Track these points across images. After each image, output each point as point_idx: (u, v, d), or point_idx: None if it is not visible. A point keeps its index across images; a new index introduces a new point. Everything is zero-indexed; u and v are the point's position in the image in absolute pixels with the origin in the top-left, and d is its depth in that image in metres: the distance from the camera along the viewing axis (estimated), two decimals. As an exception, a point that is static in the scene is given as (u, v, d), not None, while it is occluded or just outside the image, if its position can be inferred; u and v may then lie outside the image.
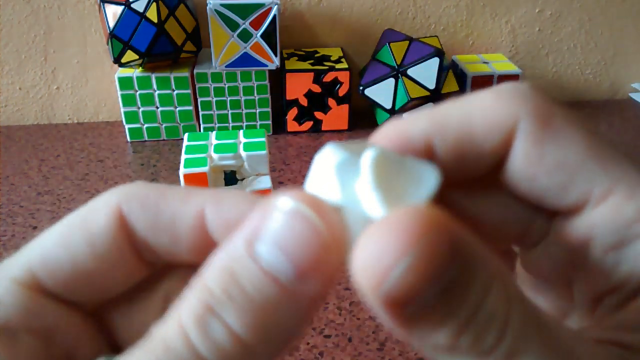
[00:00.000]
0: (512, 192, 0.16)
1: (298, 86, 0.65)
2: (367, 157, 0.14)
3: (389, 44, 0.66)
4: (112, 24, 0.59)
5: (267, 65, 0.64)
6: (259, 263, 0.13)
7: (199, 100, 0.65)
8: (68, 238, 0.16)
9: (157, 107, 0.65)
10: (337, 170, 0.14)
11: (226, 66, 0.63)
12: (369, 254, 0.12)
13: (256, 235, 0.13)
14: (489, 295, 0.12)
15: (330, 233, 0.13)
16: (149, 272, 0.17)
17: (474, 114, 0.15)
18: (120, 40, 0.60)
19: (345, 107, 0.67)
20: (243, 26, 0.61)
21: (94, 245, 0.16)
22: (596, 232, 0.15)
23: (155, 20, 0.59)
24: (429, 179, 0.14)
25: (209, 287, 0.13)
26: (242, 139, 0.49)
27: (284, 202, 0.13)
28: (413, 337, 0.13)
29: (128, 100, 0.64)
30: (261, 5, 0.60)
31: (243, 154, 0.47)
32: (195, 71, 0.64)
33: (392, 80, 0.65)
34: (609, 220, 0.14)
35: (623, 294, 0.14)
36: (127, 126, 0.66)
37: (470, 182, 0.16)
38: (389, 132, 0.16)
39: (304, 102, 0.66)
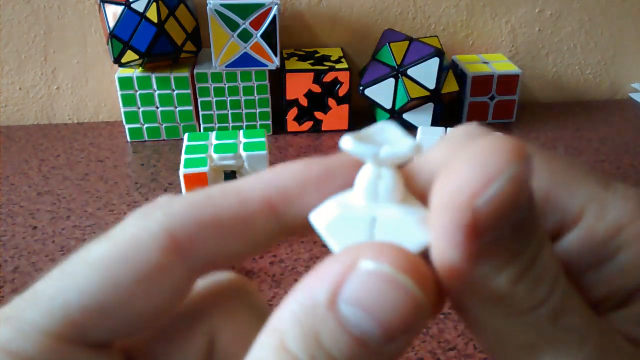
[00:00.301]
0: None
1: (298, 86, 0.65)
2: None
3: (389, 44, 0.66)
4: (112, 24, 0.59)
5: (267, 65, 0.64)
6: (344, 325, 0.12)
7: (199, 100, 0.65)
8: (115, 280, 0.14)
9: (157, 107, 0.65)
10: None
11: (226, 66, 0.63)
12: (472, 166, 0.12)
13: (338, 291, 0.12)
14: (544, 250, 0.12)
15: (426, 294, 0.12)
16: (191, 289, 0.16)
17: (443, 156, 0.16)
18: (120, 40, 0.60)
19: (345, 107, 0.67)
20: (243, 26, 0.61)
21: (148, 284, 0.14)
22: (572, 256, 0.15)
23: (155, 20, 0.59)
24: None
25: (291, 351, 0.12)
26: (242, 139, 0.49)
27: (369, 262, 0.12)
28: (473, 279, 0.12)
29: (128, 100, 0.64)
30: (261, 5, 0.60)
31: (243, 154, 0.47)
32: (195, 71, 0.64)
33: (392, 80, 0.65)
34: (583, 243, 0.15)
35: (606, 308, 0.15)
36: (127, 126, 0.66)
37: None
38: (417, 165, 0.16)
39: (304, 102, 0.66)
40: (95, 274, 0.14)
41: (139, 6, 0.59)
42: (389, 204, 0.13)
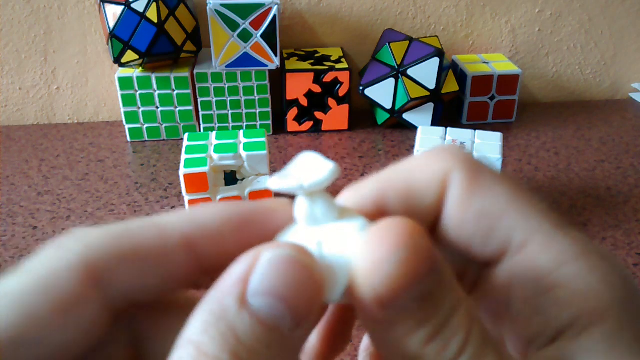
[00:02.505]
0: (447, 241, 0.17)
1: (298, 86, 0.65)
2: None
3: (389, 44, 0.66)
4: (112, 24, 0.59)
5: (267, 65, 0.64)
6: (257, 317, 0.13)
7: (199, 100, 0.65)
8: (30, 312, 0.13)
9: (157, 107, 0.65)
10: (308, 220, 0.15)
11: (226, 66, 0.63)
12: (366, 253, 0.13)
13: (245, 287, 0.13)
14: (457, 311, 0.14)
15: (319, 273, 0.14)
16: (114, 319, 0.16)
17: (413, 171, 0.17)
18: (121, 40, 0.60)
19: (345, 107, 0.67)
20: (243, 26, 0.61)
21: (65, 316, 0.14)
22: (515, 281, 0.16)
23: (155, 20, 0.59)
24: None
25: (212, 355, 0.12)
26: (242, 139, 0.49)
27: (269, 251, 0.13)
28: (386, 341, 0.14)
29: (128, 100, 0.64)
30: (261, 5, 0.60)
31: (243, 154, 0.47)
32: (195, 71, 0.64)
33: (392, 80, 0.65)
34: (525, 271, 0.15)
35: (540, 342, 0.15)
36: (127, 126, 0.66)
37: None
38: (345, 196, 0.17)
39: (304, 102, 0.66)
40: (9, 307, 0.13)
41: (139, 6, 0.59)
42: (328, 224, 0.15)
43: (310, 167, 0.15)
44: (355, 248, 0.14)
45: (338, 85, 0.66)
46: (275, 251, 0.13)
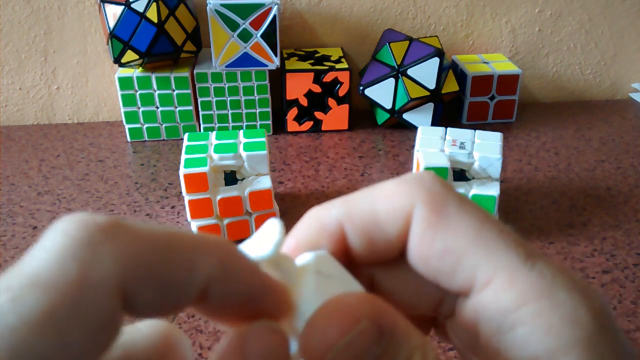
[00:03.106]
0: (415, 271, 0.17)
1: (298, 86, 0.65)
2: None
3: (389, 44, 0.66)
4: (112, 24, 0.59)
5: (267, 65, 0.64)
6: None
7: (199, 100, 0.65)
8: (64, 334, 0.11)
9: (157, 107, 0.65)
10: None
11: (226, 66, 0.63)
12: (313, 341, 0.14)
13: None
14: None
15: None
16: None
17: (378, 202, 0.17)
18: (121, 40, 0.60)
19: (345, 107, 0.67)
20: (243, 26, 0.61)
21: (96, 341, 0.12)
22: (481, 317, 0.16)
23: (155, 20, 0.59)
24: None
25: None
26: (242, 139, 0.49)
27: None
28: None
29: (128, 100, 0.64)
30: (261, 5, 0.60)
31: (243, 154, 0.47)
32: (195, 71, 0.64)
33: (392, 80, 0.65)
34: (490, 307, 0.16)
35: None
36: (127, 126, 0.66)
37: (386, 261, 0.18)
38: (307, 221, 0.18)
39: (304, 102, 0.66)
40: (38, 332, 0.11)
41: (139, 6, 0.59)
42: (289, 285, 0.16)
43: (266, 237, 0.16)
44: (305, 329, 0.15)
45: (338, 85, 0.66)
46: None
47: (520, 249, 0.16)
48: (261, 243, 0.16)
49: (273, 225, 0.16)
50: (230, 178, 0.48)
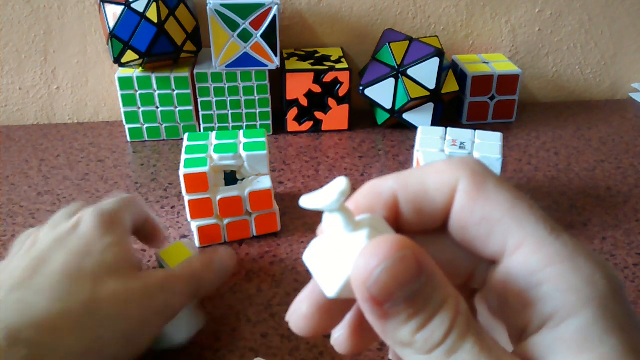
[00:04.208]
0: (455, 240, 0.20)
1: (298, 86, 0.65)
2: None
3: (389, 44, 0.66)
4: (112, 24, 0.59)
5: (267, 65, 0.64)
6: None
7: (199, 100, 0.65)
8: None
9: (157, 107, 0.65)
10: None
11: (226, 66, 0.63)
12: (361, 261, 0.16)
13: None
14: (444, 306, 0.16)
15: None
16: None
17: (428, 176, 0.20)
18: (120, 40, 0.60)
19: (345, 107, 0.67)
20: (243, 26, 0.61)
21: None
22: (511, 278, 0.18)
23: (155, 20, 0.59)
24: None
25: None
26: (242, 139, 0.49)
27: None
28: (385, 331, 0.17)
29: (128, 100, 0.64)
30: (261, 5, 0.60)
31: (243, 154, 0.47)
32: (195, 71, 0.64)
33: (392, 80, 0.65)
34: (519, 268, 0.18)
35: (529, 332, 0.18)
36: (127, 126, 0.66)
37: (429, 231, 0.20)
38: (365, 189, 0.20)
39: (304, 102, 0.66)
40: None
41: (139, 6, 0.59)
42: (345, 235, 0.18)
43: (333, 189, 0.18)
44: (356, 257, 0.17)
45: (338, 85, 0.66)
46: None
47: (547, 222, 0.18)
48: (327, 194, 0.17)
49: (339, 181, 0.18)
50: (230, 178, 0.48)
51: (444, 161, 0.20)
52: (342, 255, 0.18)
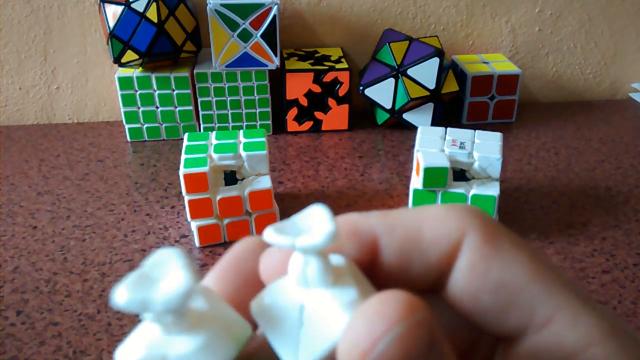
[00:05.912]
0: (455, 309, 0.16)
1: (298, 86, 0.65)
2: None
3: (389, 44, 0.66)
4: (112, 24, 0.59)
5: (267, 65, 0.64)
6: None
7: (199, 100, 0.65)
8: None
9: (157, 107, 0.65)
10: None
11: (226, 66, 0.63)
12: (360, 324, 0.12)
13: None
14: None
15: None
16: None
17: (423, 222, 0.15)
18: (120, 40, 0.60)
19: (345, 107, 0.67)
20: (243, 26, 0.61)
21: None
22: (535, 358, 0.15)
23: (155, 20, 0.59)
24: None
25: None
26: (242, 139, 0.49)
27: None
28: None
29: (128, 100, 0.64)
30: (261, 5, 0.60)
31: (243, 154, 0.47)
32: (195, 71, 0.64)
33: (392, 80, 0.65)
34: (550, 350, 0.14)
35: None
36: (127, 126, 0.66)
37: (416, 289, 0.16)
38: (340, 223, 0.16)
39: (304, 102, 0.66)
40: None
41: (139, 6, 0.59)
42: (318, 289, 0.14)
43: (313, 224, 0.14)
44: (342, 321, 0.13)
45: (338, 85, 0.66)
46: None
47: (579, 290, 0.15)
48: (306, 231, 0.14)
49: (320, 214, 0.14)
50: (230, 178, 0.48)
51: (444, 206, 0.16)
52: (319, 314, 0.13)
